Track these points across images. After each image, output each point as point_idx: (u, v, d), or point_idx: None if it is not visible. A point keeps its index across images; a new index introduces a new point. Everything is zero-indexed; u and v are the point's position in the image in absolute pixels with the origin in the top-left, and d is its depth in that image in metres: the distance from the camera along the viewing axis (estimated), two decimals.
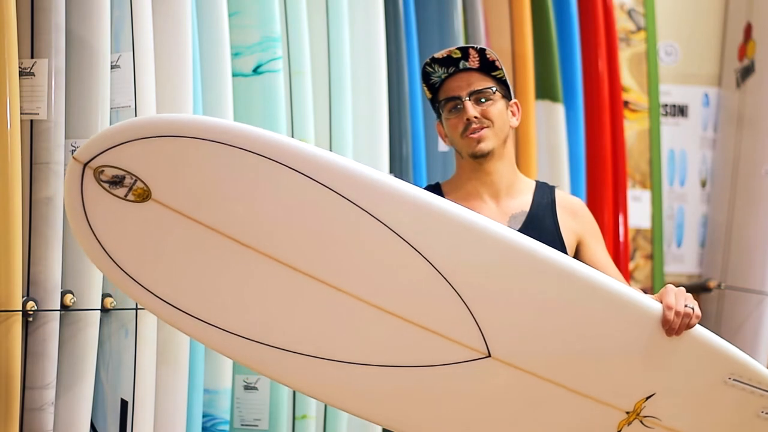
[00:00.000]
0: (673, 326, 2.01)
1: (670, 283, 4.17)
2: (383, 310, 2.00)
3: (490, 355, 2.03)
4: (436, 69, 2.29)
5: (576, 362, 2.06)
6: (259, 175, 1.94)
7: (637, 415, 2.09)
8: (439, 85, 2.30)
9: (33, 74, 2.28)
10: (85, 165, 1.88)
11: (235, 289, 1.97)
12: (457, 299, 2.01)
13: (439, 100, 2.31)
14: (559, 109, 3.66)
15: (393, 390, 2.03)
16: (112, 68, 2.40)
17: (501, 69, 2.29)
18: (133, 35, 2.43)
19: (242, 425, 2.75)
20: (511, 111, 2.33)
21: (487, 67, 2.28)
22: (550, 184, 2.42)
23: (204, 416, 2.61)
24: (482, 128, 2.25)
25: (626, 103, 4.12)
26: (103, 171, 1.88)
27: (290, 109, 2.84)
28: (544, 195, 2.34)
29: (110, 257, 1.92)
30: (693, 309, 2.02)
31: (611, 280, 2.06)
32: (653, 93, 4.20)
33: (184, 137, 1.90)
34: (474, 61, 2.27)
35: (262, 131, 1.96)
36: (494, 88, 2.28)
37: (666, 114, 4.30)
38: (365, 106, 3.02)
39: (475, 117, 2.25)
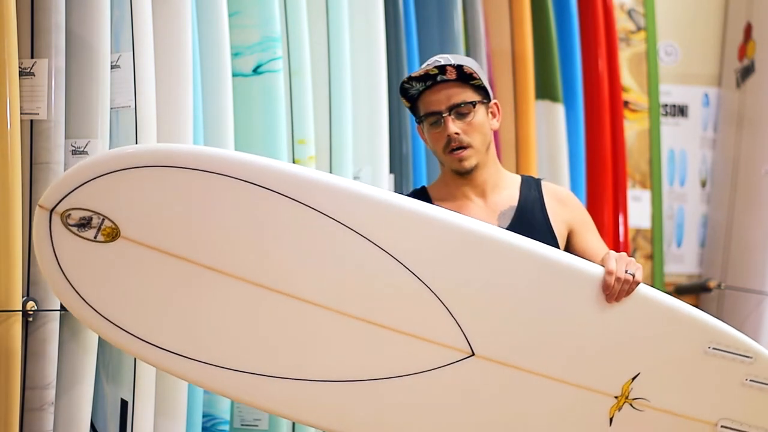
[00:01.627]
0: (613, 292, 2.04)
1: (670, 283, 4.22)
2: (361, 320, 2.00)
3: (473, 354, 2.03)
4: (413, 84, 2.25)
5: (556, 347, 2.07)
6: (216, 194, 1.96)
7: (626, 398, 2.10)
8: (417, 96, 2.27)
9: (33, 74, 2.28)
10: (52, 211, 1.91)
11: (207, 316, 1.97)
12: (433, 299, 2.02)
13: (420, 114, 2.27)
14: (559, 109, 3.66)
15: (379, 406, 2.02)
16: (112, 68, 2.40)
17: (478, 78, 2.24)
18: (133, 35, 2.42)
19: (242, 425, 2.75)
20: (491, 113, 2.29)
21: (464, 77, 2.24)
22: (536, 177, 2.42)
23: (204, 416, 2.61)
24: (462, 148, 2.23)
25: (626, 103, 4.12)
26: (69, 215, 1.90)
27: (290, 109, 2.84)
28: (531, 188, 2.34)
29: (86, 302, 1.93)
30: (633, 275, 2.05)
31: (567, 255, 2.09)
32: (653, 93, 4.20)
33: (142, 167, 1.93)
34: (451, 74, 2.23)
35: (217, 151, 2.02)
36: (474, 102, 2.24)
37: (666, 114, 4.30)
38: (365, 106, 3.02)
39: (456, 134, 2.22)
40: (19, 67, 2.24)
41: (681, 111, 4.33)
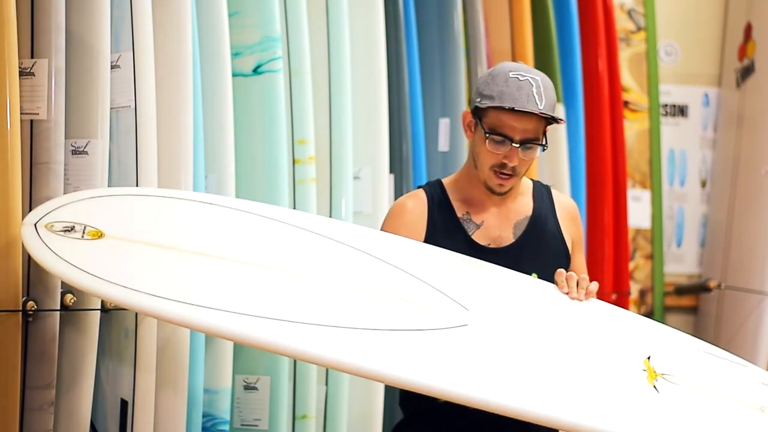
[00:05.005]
0: (570, 286, 2.18)
1: (670, 283, 4.22)
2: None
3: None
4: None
5: (564, 350, 2.10)
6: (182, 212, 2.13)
7: (655, 372, 2.10)
8: (496, 107, 2.16)
9: (33, 74, 2.28)
10: (36, 224, 2.03)
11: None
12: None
13: (488, 127, 2.17)
14: (559, 109, 3.66)
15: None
16: (112, 68, 2.40)
17: (555, 123, 2.23)
18: (133, 35, 2.42)
19: (242, 425, 2.75)
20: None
21: (547, 118, 2.19)
22: (545, 183, 2.41)
23: (204, 416, 2.61)
24: (510, 178, 2.20)
25: (626, 103, 4.12)
26: (53, 226, 2.03)
27: (290, 109, 2.84)
28: (543, 196, 2.34)
29: (90, 274, 1.97)
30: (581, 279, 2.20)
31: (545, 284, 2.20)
32: (653, 93, 4.20)
33: (115, 195, 2.16)
34: (542, 114, 2.16)
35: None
36: (541, 141, 2.19)
37: (666, 114, 4.30)
38: (365, 106, 3.02)
39: (513, 167, 2.18)
40: (19, 67, 2.23)
41: (681, 111, 4.33)
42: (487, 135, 2.17)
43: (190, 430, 2.54)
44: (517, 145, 2.16)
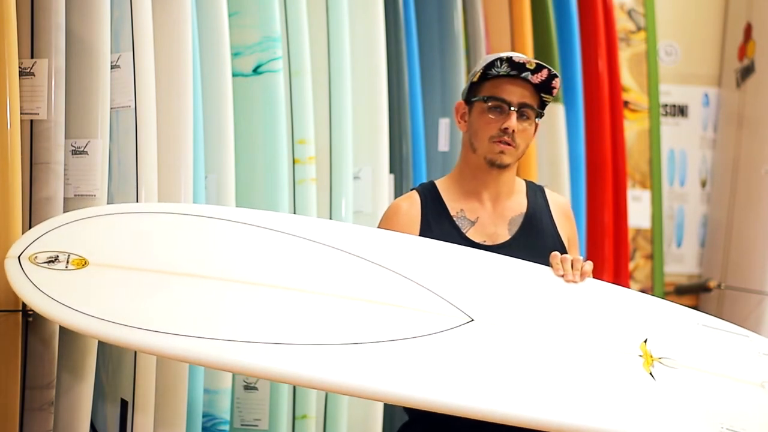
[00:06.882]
0: (564, 269, 2.17)
1: (670, 283, 4.22)
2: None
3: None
4: (502, 66, 2.22)
5: (559, 333, 2.10)
6: (162, 226, 2.10)
7: (652, 357, 2.10)
8: (490, 77, 2.25)
9: (33, 74, 2.28)
10: (20, 257, 2.02)
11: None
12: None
13: (485, 95, 2.24)
14: (559, 109, 3.66)
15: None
16: (112, 68, 2.40)
17: (552, 96, 2.26)
18: (133, 35, 2.42)
19: (242, 425, 2.75)
20: (534, 128, 2.30)
21: (544, 88, 2.24)
22: (537, 183, 2.43)
23: (204, 416, 2.61)
24: (509, 145, 2.23)
25: (626, 103, 4.12)
26: (37, 257, 2.02)
27: (290, 109, 2.84)
28: (537, 195, 2.36)
29: (84, 313, 1.96)
30: (576, 259, 2.20)
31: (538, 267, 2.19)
32: (653, 93, 4.20)
33: (96, 216, 2.12)
34: (538, 78, 2.22)
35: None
36: (538, 112, 2.25)
37: (666, 114, 4.30)
38: (365, 106, 3.03)
39: (512, 131, 2.21)
40: (19, 67, 2.23)
41: (681, 111, 4.33)
42: (486, 100, 2.23)
43: (190, 430, 2.54)
44: (516, 108, 2.21)
